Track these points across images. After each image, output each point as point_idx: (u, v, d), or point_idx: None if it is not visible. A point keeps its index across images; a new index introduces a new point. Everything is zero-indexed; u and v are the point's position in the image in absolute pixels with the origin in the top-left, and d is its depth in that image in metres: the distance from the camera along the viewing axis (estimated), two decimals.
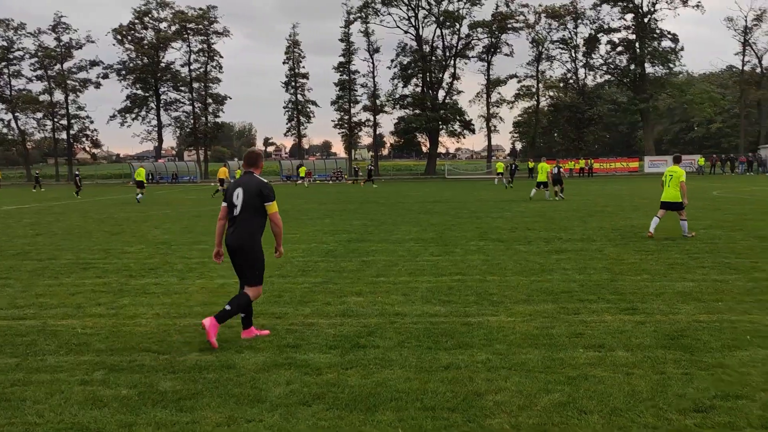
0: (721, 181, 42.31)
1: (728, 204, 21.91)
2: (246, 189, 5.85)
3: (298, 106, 76.90)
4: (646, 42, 67.23)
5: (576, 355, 5.31)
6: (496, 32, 70.37)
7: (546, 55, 72.52)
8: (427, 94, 72.00)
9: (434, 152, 75.96)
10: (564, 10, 69.75)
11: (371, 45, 72.82)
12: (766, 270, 9.11)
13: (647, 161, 65.19)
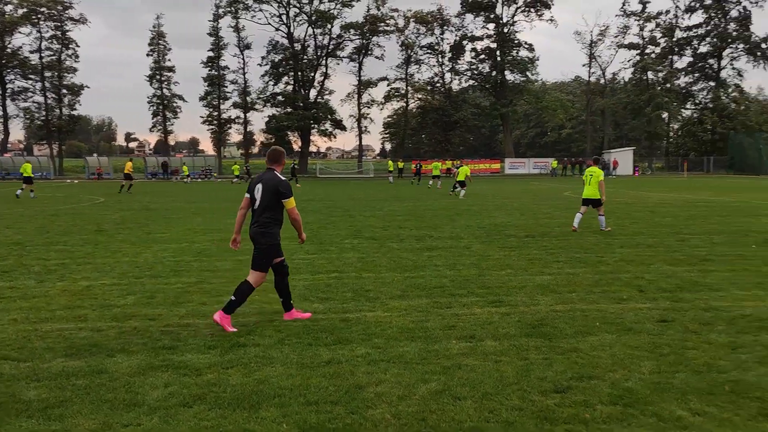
0: (571, 183, 45.88)
1: (577, 204, 23.82)
2: (265, 185, 6.24)
3: (164, 101, 73.53)
4: (506, 51, 71.38)
5: (450, 346, 5.61)
6: (367, 34, 71.48)
7: (415, 59, 74.85)
8: (299, 92, 71.62)
9: (306, 151, 75.74)
10: (431, 16, 72.36)
11: (242, 41, 71.29)
12: (610, 263, 10.07)
13: (507, 163, 69.30)
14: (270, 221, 6.24)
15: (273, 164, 6.45)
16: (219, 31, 71.32)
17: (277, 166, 6.45)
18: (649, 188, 36.81)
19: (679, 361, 5.16)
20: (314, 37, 71.46)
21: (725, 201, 24.83)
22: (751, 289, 8.00)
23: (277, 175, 6.33)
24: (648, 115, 71.35)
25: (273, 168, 6.41)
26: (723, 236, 13.41)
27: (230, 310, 6.18)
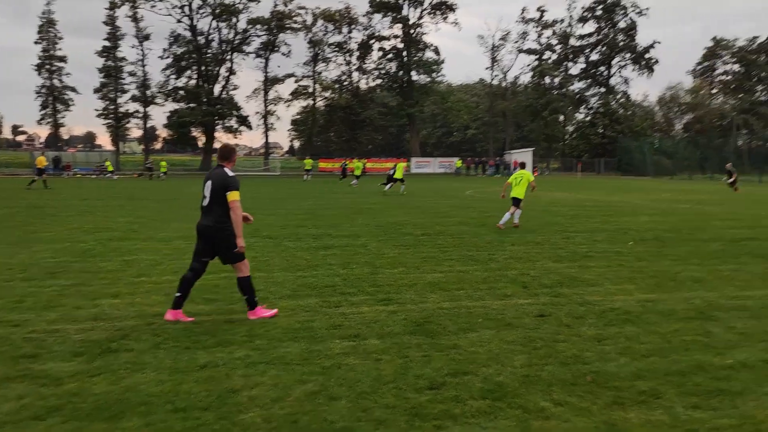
0: (474, 182, 47.28)
1: (477, 202, 24.58)
2: (214, 181, 6.31)
3: (54, 92, 69.18)
4: (413, 52, 72.48)
5: (332, 346, 5.59)
6: (274, 30, 70.40)
7: (322, 56, 74.50)
8: (203, 87, 69.47)
9: (210, 148, 73.47)
10: (339, 15, 72.28)
11: (140, 31, 68.24)
12: (499, 261, 10.42)
13: (414, 162, 70.31)
14: (223, 216, 6.31)
15: (223, 161, 6.52)
16: (116, 21, 67.96)
17: (227, 162, 6.51)
18: (545, 188, 38.47)
19: (549, 354, 5.39)
20: (219, 31, 69.56)
21: (611, 201, 26.36)
22: (622, 284, 8.51)
23: (226, 171, 6.40)
24: (545, 118, 74.65)
25: (223, 165, 6.48)
26: (604, 234, 14.20)
27: (254, 304, 6.52)
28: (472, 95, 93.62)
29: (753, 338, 5.89)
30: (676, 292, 8.03)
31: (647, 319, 6.59)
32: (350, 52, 74.88)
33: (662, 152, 71.29)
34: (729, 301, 7.46)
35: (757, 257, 10.91)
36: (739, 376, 4.85)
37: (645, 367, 5.06)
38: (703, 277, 9.07)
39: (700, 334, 6.04)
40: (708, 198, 28.71)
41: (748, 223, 16.96)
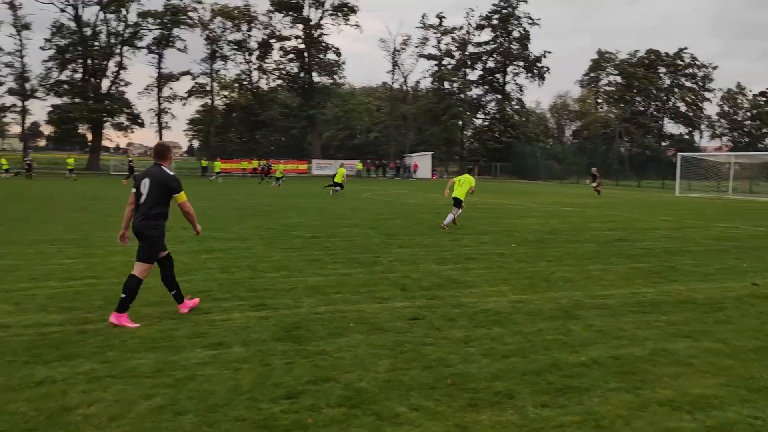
0: (373, 184, 47.57)
1: (373, 205, 24.68)
2: (153, 179, 6.33)
3: None
4: (314, 53, 72.05)
5: (191, 356, 5.31)
6: (168, 24, 67.74)
7: (221, 54, 72.50)
8: (89, 82, 65.67)
9: (98, 145, 69.75)
10: (238, 12, 70.63)
11: (19, 20, 63.64)
12: (384, 263, 10.42)
13: (315, 164, 69.89)
14: (158, 215, 6.36)
15: (160, 159, 6.57)
16: None
17: (164, 161, 6.57)
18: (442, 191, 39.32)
19: (415, 358, 5.37)
20: (106, 23, 65.97)
21: (502, 203, 27.29)
22: (498, 285, 8.72)
23: (165, 170, 6.47)
24: (445, 123, 76.46)
25: (160, 163, 6.53)
26: (490, 236, 14.60)
27: (124, 308, 6.25)
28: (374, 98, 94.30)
29: (608, 335, 6.16)
30: (547, 292, 8.31)
31: (515, 320, 6.76)
32: (250, 51, 73.36)
33: (553, 157, 74.97)
34: (593, 300, 7.81)
35: (625, 258, 11.55)
36: (589, 373, 5.03)
37: (504, 368, 5.15)
38: (574, 277, 9.46)
39: (561, 333, 6.25)
40: (590, 201, 30.35)
41: (623, 225, 18.02)
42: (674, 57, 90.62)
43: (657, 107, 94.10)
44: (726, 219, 21.06)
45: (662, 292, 8.44)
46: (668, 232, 16.16)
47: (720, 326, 6.65)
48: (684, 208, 27.06)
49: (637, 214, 22.55)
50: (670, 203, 30.81)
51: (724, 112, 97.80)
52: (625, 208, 25.50)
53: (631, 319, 6.87)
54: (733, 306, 7.63)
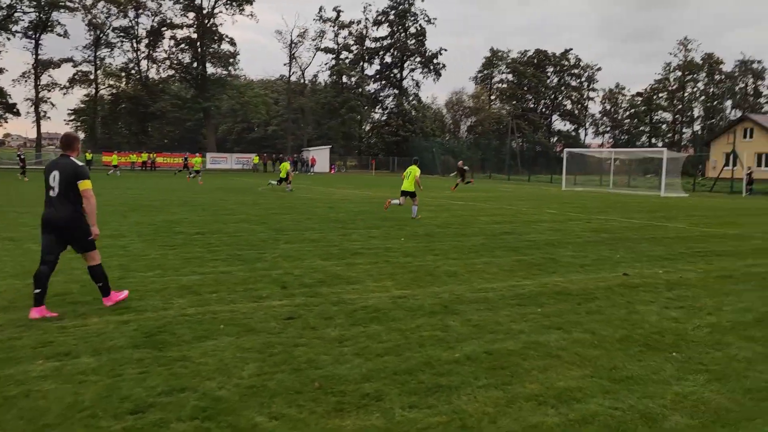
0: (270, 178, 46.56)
1: (267, 199, 24.04)
2: (62, 171, 6.27)
3: None
4: (208, 43, 69.63)
5: (31, 369, 4.75)
6: (46, 8, 63.09)
7: (106, 41, 68.50)
8: None
9: None
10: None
11: None
12: (268, 260, 10.03)
13: (209, 157, 67.64)
14: (77, 205, 6.34)
15: (67, 150, 6.48)
16: None
17: (71, 151, 6.49)
18: (339, 185, 39.16)
19: (284, 361, 5.09)
20: None
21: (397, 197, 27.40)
22: (383, 280, 8.58)
23: (73, 160, 6.41)
24: (343, 116, 76.29)
25: (67, 154, 6.45)
26: (381, 230, 14.52)
27: (107, 291, 6.72)
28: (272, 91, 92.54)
29: (484, 330, 6.15)
30: (430, 286, 8.26)
31: (394, 316, 6.62)
32: (138, 39, 69.85)
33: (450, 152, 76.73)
34: (474, 294, 7.83)
35: (510, 250, 11.79)
36: (461, 370, 4.95)
37: (376, 368, 4.97)
38: (458, 270, 9.50)
39: (439, 328, 6.18)
40: (482, 195, 31.19)
41: (510, 218, 18.53)
42: (561, 57, 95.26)
43: (546, 105, 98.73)
44: (605, 212, 22.22)
45: (540, 284, 8.62)
46: (552, 225, 16.76)
47: (590, 317, 6.82)
48: (568, 201, 28.35)
49: (525, 207, 23.34)
50: (557, 197, 32.22)
51: (606, 110, 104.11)
52: (514, 202, 26.37)
53: (509, 313, 6.92)
54: (604, 296, 7.90)
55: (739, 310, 7.28)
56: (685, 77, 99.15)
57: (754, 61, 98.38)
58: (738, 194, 39.21)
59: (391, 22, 79.21)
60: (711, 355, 5.53)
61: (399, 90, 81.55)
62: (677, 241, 13.68)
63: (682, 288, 8.52)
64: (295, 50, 77.84)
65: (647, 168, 55.66)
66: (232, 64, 71.41)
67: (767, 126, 60.92)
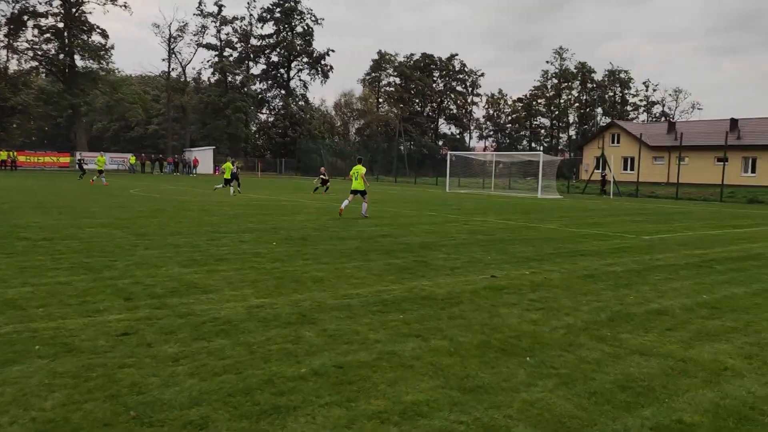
0: (145, 180, 44.19)
1: (137, 202, 22.57)
2: None
3: None
4: (76, 33, 65.09)
5: None
6: None
7: None
8: None
9: None
10: None
11: None
12: (119, 268, 9.17)
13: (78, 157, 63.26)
14: None
15: None
16: None
17: None
18: None
19: (101, 386, 4.43)
20: None
21: (279, 199, 26.73)
22: (242, 289, 8.02)
23: None
24: (229, 117, 73.99)
25: None
26: (254, 234, 13.87)
27: None
28: (153, 88, 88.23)
29: (339, 340, 5.78)
30: (293, 294, 7.81)
31: (245, 328, 6.11)
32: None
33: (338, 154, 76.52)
34: (336, 301, 7.46)
35: (383, 254, 11.56)
36: (304, 388, 4.54)
37: (210, 389, 4.45)
38: (325, 276, 9.11)
39: (291, 340, 5.74)
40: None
41: (390, 221, 18.44)
42: (447, 62, 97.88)
43: (433, 108, 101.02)
44: (483, 213, 22.74)
45: (408, 288, 8.40)
46: (430, 227, 16.81)
47: (452, 322, 6.65)
48: (449, 203, 28.85)
49: (406, 209, 23.43)
50: (440, 199, 32.77)
51: (490, 115, 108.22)
52: (397, 204, 26.45)
53: (369, 320, 6.60)
54: (469, 300, 7.79)
55: (594, 310, 7.40)
56: (561, 85, 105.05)
57: (621, 71, 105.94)
58: (607, 196, 41.78)
59: (276, 20, 77.84)
60: (563, 358, 5.48)
61: (286, 90, 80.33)
62: (546, 242, 14.08)
63: (545, 289, 8.61)
64: (174, 45, 74.61)
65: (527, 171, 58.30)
66: (104, 57, 67.12)
67: (633, 132, 65.63)
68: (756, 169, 55.52)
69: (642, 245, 13.97)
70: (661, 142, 62.96)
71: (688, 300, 8.12)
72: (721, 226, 19.63)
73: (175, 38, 74.37)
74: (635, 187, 43.61)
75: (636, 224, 19.53)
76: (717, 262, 11.57)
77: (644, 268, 10.69)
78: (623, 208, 28.90)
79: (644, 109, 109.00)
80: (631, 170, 63.27)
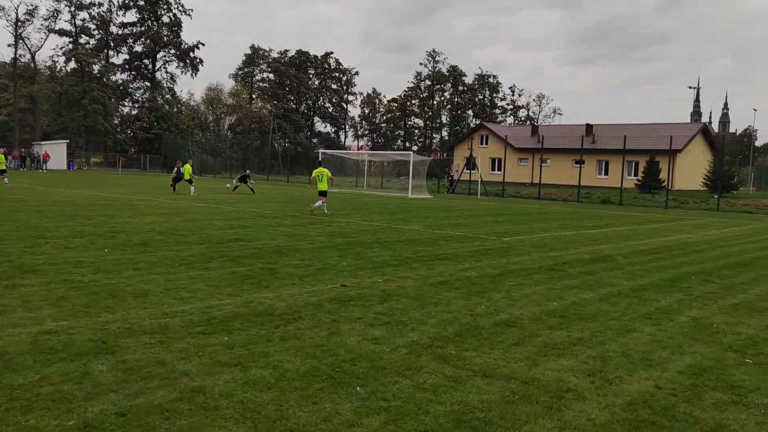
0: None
1: None
2: None
3: None
4: None
5: None
6: None
7: None
8: None
9: None
10: None
11: None
12: None
13: None
14: None
15: None
16: None
17: None
18: (71, 185, 34.54)
19: None
20: None
21: (133, 199, 24.66)
22: (41, 308, 6.75)
23: None
24: (86, 108, 68.56)
25: None
26: (86, 239, 12.34)
27: None
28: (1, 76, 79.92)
29: (137, 375, 4.78)
30: (103, 314, 6.64)
31: (18, 364, 4.94)
32: None
33: (209, 151, 73.33)
34: (154, 321, 6.41)
35: (229, 261, 10.56)
36: None
37: None
38: (153, 289, 7.99)
39: (73, 378, 4.64)
40: (233, 197, 29.62)
41: (249, 222, 17.35)
42: (322, 60, 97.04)
43: (308, 106, 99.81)
44: (349, 214, 22.18)
45: (244, 302, 7.50)
46: (290, 229, 15.93)
47: (283, 344, 5.85)
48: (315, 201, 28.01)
49: (270, 209, 22.37)
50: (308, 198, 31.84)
51: (365, 114, 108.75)
52: (262, 204, 25.29)
53: (184, 346, 5.65)
54: (310, 315, 7.03)
55: (442, 323, 6.90)
56: (434, 87, 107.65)
57: (490, 75, 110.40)
58: (474, 196, 42.85)
59: (140, 8, 73.16)
60: (398, 386, 4.85)
61: (151, 83, 75.80)
62: (407, 245, 13.66)
63: (395, 299, 8.04)
64: (22, 30, 67.90)
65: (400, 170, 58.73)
66: None
67: (500, 134, 68.27)
68: (609, 171, 59.57)
69: (500, 248, 13.94)
70: (525, 144, 66.01)
71: (537, 308, 7.87)
72: (576, 227, 20.34)
73: (23, 22, 67.73)
74: (501, 187, 45.11)
75: (498, 225, 19.78)
76: (569, 265, 11.65)
77: (499, 273, 10.48)
78: (488, 208, 29.54)
79: (511, 112, 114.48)
80: (498, 171, 65.82)
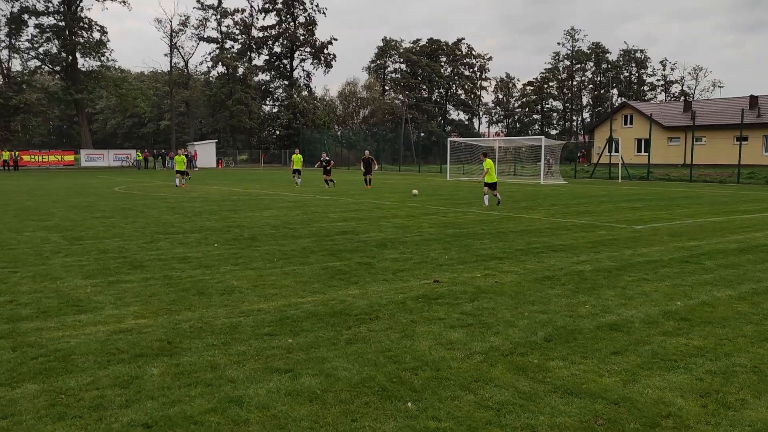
0: (142, 176, 43.37)
1: (108, 200, 21.59)
2: None
3: None
4: (76, 31, 64.45)
5: None
6: None
7: None
8: None
9: None
10: None
11: None
12: (10, 282, 8.09)
13: (84, 155, 62.86)
14: None
15: None
16: None
17: None
18: (214, 181, 36.74)
19: None
20: None
21: (261, 193, 25.59)
22: (130, 305, 6.87)
23: None
24: (231, 109, 73.00)
25: None
26: (201, 234, 12.79)
27: None
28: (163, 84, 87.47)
29: (184, 381, 4.57)
30: (183, 312, 6.63)
31: (76, 365, 4.95)
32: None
33: (344, 144, 75.28)
34: (227, 320, 6.27)
35: (328, 255, 10.38)
36: None
37: None
38: (242, 285, 7.94)
39: (119, 383, 4.54)
40: (354, 189, 29.84)
41: (363, 215, 17.18)
42: (453, 47, 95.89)
43: (440, 94, 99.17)
44: (470, 203, 21.46)
45: (325, 300, 7.19)
46: (402, 221, 15.54)
47: (347, 348, 5.43)
48: (440, 192, 27.51)
49: (389, 201, 22.17)
50: (434, 187, 31.41)
51: (499, 100, 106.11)
52: (385, 195, 25.20)
53: (245, 348, 5.41)
54: (389, 314, 6.56)
55: (533, 325, 6.13)
56: (574, 66, 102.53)
57: (636, 51, 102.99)
58: (615, 179, 40.05)
59: (278, 10, 76.51)
60: (456, 402, 4.24)
61: (289, 81, 79.11)
62: (521, 236, 12.75)
63: (487, 297, 7.34)
64: (176, 40, 73.65)
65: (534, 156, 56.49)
66: (104, 53, 66.41)
67: (645, 112, 63.37)
68: None
69: (628, 237, 12.59)
70: (676, 122, 60.67)
71: (655, 309, 6.81)
72: (728, 212, 18.09)
73: (177, 33, 73.48)
74: (647, 169, 41.72)
75: (633, 211, 18.07)
76: (708, 257, 10.19)
77: (619, 266, 9.35)
78: (626, 193, 27.33)
79: (662, 88, 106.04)
80: (645, 152, 61.21)
